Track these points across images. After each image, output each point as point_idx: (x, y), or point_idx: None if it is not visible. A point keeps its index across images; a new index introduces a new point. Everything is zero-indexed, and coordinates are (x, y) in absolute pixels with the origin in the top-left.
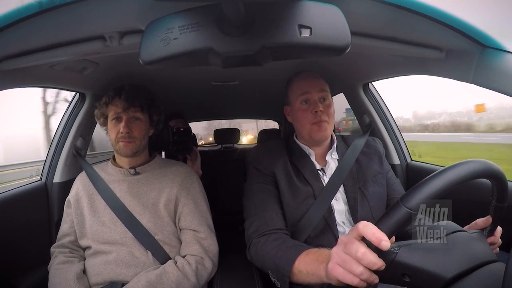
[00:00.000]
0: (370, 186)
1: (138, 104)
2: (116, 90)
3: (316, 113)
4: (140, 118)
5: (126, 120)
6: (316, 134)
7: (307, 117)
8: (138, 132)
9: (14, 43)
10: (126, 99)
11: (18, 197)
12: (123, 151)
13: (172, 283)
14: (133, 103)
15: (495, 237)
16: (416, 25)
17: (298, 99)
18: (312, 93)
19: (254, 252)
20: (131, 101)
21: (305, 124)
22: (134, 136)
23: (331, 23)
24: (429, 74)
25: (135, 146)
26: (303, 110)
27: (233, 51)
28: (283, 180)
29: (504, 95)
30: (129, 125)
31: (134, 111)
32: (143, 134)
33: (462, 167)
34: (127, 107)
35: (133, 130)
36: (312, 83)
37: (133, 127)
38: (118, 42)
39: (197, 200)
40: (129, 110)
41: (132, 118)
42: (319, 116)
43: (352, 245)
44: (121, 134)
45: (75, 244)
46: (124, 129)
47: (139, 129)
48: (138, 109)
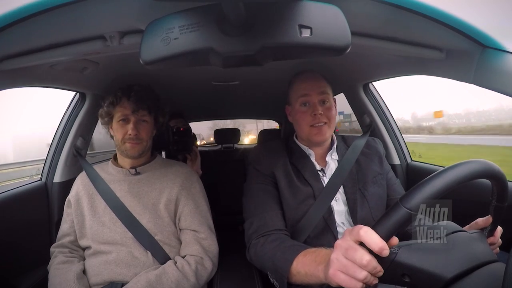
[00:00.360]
0: (370, 186)
1: (147, 106)
2: (124, 90)
3: (315, 116)
4: (147, 120)
5: (134, 122)
6: (314, 137)
7: (305, 119)
8: (145, 134)
9: (14, 43)
10: (135, 101)
11: (18, 197)
12: (129, 152)
13: (172, 283)
14: (142, 106)
15: (495, 237)
16: (416, 25)
17: (298, 100)
18: (312, 96)
19: (253, 252)
20: (140, 103)
21: (304, 126)
22: (141, 138)
23: (331, 23)
24: (429, 74)
25: (142, 148)
26: (302, 112)
27: (233, 51)
28: (283, 180)
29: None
30: (137, 126)
31: (142, 114)
32: (149, 136)
33: (462, 167)
34: (136, 109)
35: (140, 131)
36: (312, 85)
37: (141, 129)
38: (118, 42)
39: (197, 200)
40: (137, 112)
41: (139, 120)
42: (318, 119)
43: (356, 252)
44: (129, 135)
45: (75, 244)
46: (133, 131)
47: (146, 130)
48: (146, 112)
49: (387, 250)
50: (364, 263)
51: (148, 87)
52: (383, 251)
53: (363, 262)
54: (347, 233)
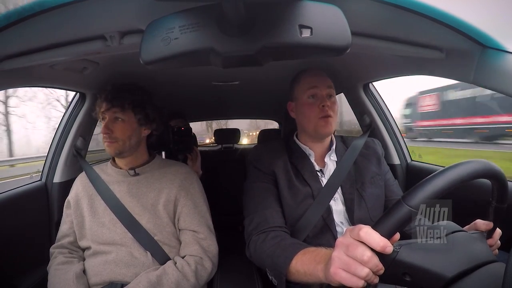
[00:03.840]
0: (368, 187)
1: (119, 104)
2: (103, 90)
3: (324, 107)
4: (122, 118)
5: (108, 120)
6: (322, 129)
7: (314, 111)
8: (120, 133)
9: (14, 43)
10: (106, 99)
11: (18, 197)
12: (107, 151)
13: (172, 284)
14: (113, 103)
15: (493, 239)
16: (416, 25)
17: (306, 93)
18: (320, 88)
19: (253, 249)
20: (110, 101)
21: (312, 118)
22: (115, 137)
23: (331, 23)
24: (430, 74)
25: (118, 147)
26: (310, 104)
27: (233, 51)
28: (282, 179)
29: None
30: (110, 125)
31: (114, 111)
32: (128, 135)
33: (463, 166)
34: (108, 107)
35: (114, 130)
36: (321, 79)
37: (115, 127)
38: (118, 42)
39: (196, 200)
40: (110, 110)
41: (114, 118)
42: (326, 111)
43: (356, 249)
44: (103, 134)
45: (74, 245)
46: (103, 129)
47: (121, 129)
48: (118, 109)
49: (390, 248)
50: (365, 260)
51: (127, 85)
52: (385, 249)
53: (364, 259)
54: (348, 232)
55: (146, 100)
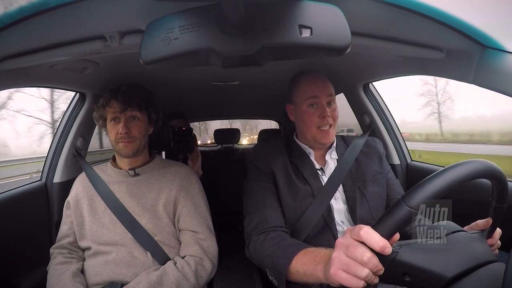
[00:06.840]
0: (370, 186)
1: (135, 104)
2: (112, 92)
3: (324, 118)
4: (138, 117)
5: (124, 120)
6: (322, 140)
7: (313, 121)
8: (137, 131)
9: (14, 43)
10: (122, 100)
11: (18, 197)
12: (123, 152)
13: (172, 284)
14: (130, 104)
15: (494, 239)
16: (416, 25)
17: (306, 102)
18: (321, 98)
19: (253, 249)
20: (127, 102)
21: (311, 128)
22: (133, 136)
23: (331, 23)
24: (429, 74)
25: (135, 146)
26: (310, 114)
27: (233, 51)
28: (282, 179)
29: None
30: (128, 125)
31: (131, 111)
32: (143, 133)
33: (463, 166)
34: (124, 108)
35: (132, 129)
36: (322, 87)
37: (132, 127)
38: (118, 42)
39: (196, 201)
40: (126, 111)
41: (130, 118)
42: (326, 121)
43: (356, 249)
44: (120, 134)
45: (74, 245)
46: (123, 129)
47: (138, 128)
48: (136, 109)
49: (389, 248)
50: (365, 260)
51: (137, 85)
52: (385, 250)
53: (364, 259)
54: (348, 232)
55: (153, 100)
